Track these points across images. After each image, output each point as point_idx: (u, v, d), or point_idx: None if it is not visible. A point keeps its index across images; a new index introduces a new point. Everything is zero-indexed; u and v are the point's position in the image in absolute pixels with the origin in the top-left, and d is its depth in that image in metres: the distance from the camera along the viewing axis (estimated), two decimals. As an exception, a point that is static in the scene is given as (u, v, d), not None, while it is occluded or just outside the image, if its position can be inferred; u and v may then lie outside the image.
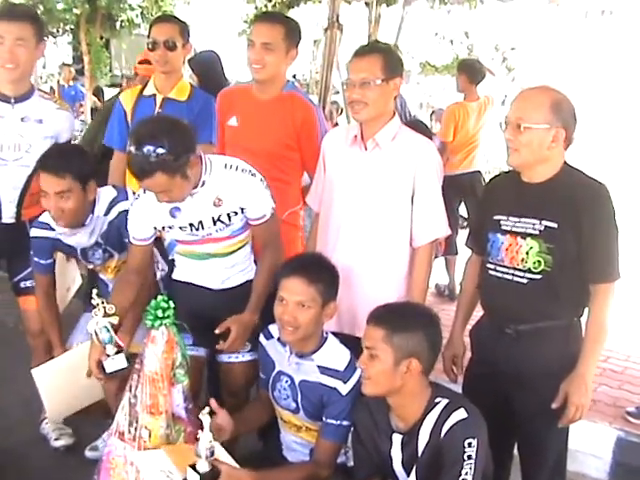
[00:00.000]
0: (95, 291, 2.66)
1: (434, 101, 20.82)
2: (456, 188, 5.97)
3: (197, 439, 2.35)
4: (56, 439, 3.59)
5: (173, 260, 3.08)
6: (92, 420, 3.59)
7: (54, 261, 3.22)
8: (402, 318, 2.46)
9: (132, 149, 2.54)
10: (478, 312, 2.89)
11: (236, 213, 2.80)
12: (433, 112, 11.52)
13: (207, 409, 2.40)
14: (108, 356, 2.66)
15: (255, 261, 3.01)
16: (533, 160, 2.54)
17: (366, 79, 2.83)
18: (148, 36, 3.61)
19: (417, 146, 2.96)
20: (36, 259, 3.19)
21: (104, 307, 2.60)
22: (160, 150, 2.51)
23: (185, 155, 2.59)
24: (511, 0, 4.91)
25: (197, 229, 2.81)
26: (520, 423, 2.71)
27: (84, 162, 3.05)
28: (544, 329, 2.59)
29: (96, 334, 2.62)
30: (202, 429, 2.34)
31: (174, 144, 2.54)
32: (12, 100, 3.16)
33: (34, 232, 3.14)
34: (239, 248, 2.94)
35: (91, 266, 3.28)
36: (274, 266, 2.85)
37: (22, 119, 3.16)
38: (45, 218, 3.12)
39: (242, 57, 3.43)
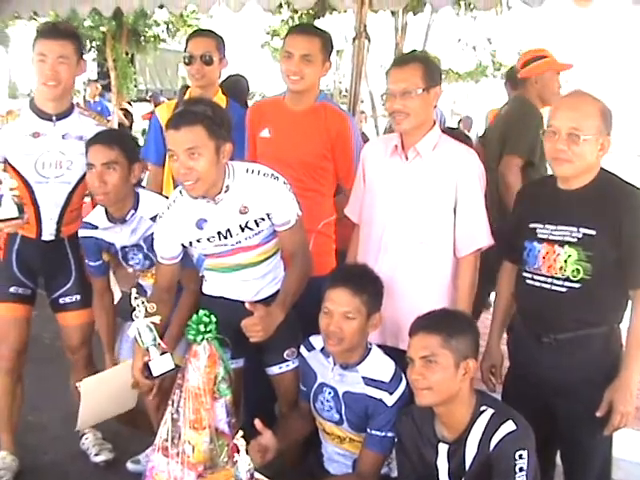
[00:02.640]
0: (135, 290, 2.66)
1: (458, 108, 20.80)
2: None
3: (235, 463, 2.34)
4: (96, 454, 3.59)
5: (202, 276, 3.05)
6: (132, 435, 3.61)
7: (104, 263, 3.25)
8: (454, 321, 2.50)
9: (180, 108, 2.69)
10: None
11: (263, 219, 2.79)
12: (460, 120, 11.47)
13: (241, 433, 2.40)
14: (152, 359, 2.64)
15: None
16: (582, 170, 2.52)
17: (407, 89, 2.81)
18: (184, 50, 3.64)
19: (459, 155, 2.94)
20: (87, 261, 3.25)
21: (145, 307, 2.58)
22: (208, 110, 2.63)
23: (226, 132, 2.66)
24: (539, 5, 4.83)
25: (225, 237, 2.80)
26: (563, 432, 2.68)
27: (132, 143, 3.21)
28: (584, 337, 2.56)
29: (139, 335, 2.60)
30: (239, 452, 2.33)
31: (220, 115, 2.67)
32: (53, 118, 3.17)
33: (81, 233, 3.18)
34: (270, 256, 2.93)
35: (131, 270, 3.29)
36: (303, 272, 2.85)
37: (63, 136, 3.18)
38: (89, 218, 3.16)
39: (264, 68, 3.44)
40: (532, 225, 2.64)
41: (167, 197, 3.06)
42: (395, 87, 2.84)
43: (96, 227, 3.14)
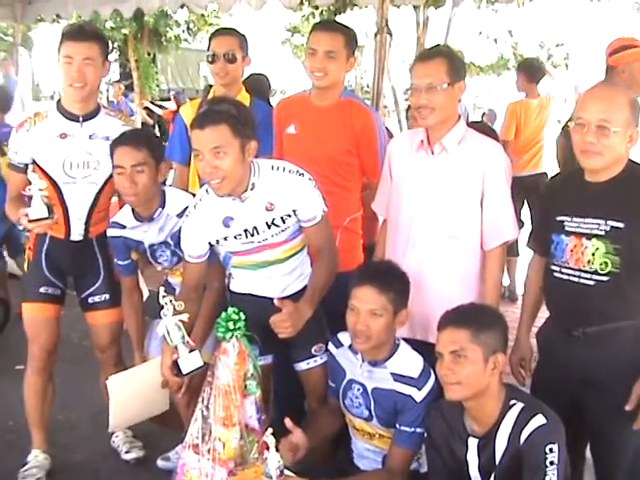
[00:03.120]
0: (163, 288, 2.68)
1: (481, 102, 20.68)
2: (520, 189, 5.95)
3: (265, 459, 2.36)
4: (127, 452, 3.63)
5: (230, 274, 3.06)
6: (163, 433, 3.64)
7: (133, 262, 3.27)
8: (482, 316, 2.50)
9: (205, 107, 2.71)
10: (543, 313, 2.85)
11: (289, 216, 2.80)
12: (484, 113, 11.40)
13: (270, 430, 2.41)
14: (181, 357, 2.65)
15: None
16: (611, 162, 2.49)
17: (432, 84, 2.80)
18: (208, 49, 3.65)
19: (485, 149, 2.93)
20: (116, 260, 3.27)
21: (173, 305, 2.59)
22: (232, 109, 2.65)
23: (250, 130, 2.67)
24: (561, -4, 4.80)
25: (252, 235, 2.80)
26: (592, 425, 2.66)
27: (157, 142, 3.25)
28: (613, 330, 2.53)
29: (168, 333, 2.62)
30: (268, 449, 2.35)
31: (244, 113, 2.69)
32: (80, 119, 3.19)
33: (109, 232, 3.20)
34: (296, 252, 2.93)
35: (159, 268, 3.31)
36: (330, 268, 2.86)
37: (90, 137, 3.20)
38: (117, 218, 3.18)
39: (285, 65, 3.45)
40: (560, 218, 2.62)
41: (193, 195, 3.08)
42: (420, 82, 2.83)
43: (124, 226, 3.16)
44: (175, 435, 3.52)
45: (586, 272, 2.54)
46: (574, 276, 2.57)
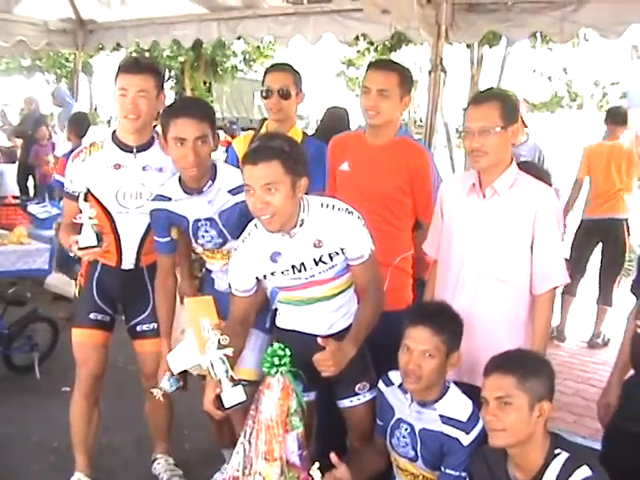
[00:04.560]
0: (208, 322, 2.63)
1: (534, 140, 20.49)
2: (594, 231, 6.04)
3: None
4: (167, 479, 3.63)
5: (276, 309, 3.07)
6: (203, 461, 3.65)
7: (173, 241, 3.23)
8: (529, 362, 2.48)
9: (257, 143, 2.71)
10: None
11: (337, 253, 2.80)
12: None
13: (317, 464, 2.40)
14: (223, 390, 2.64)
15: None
16: None
17: (485, 127, 2.80)
18: (262, 83, 3.68)
19: (536, 192, 2.91)
20: (155, 238, 3.22)
21: (218, 339, 2.59)
22: (284, 145, 2.65)
23: (302, 167, 2.68)
24: (617, 37, 4.78)
25: (299, 271, 2.81)
26: None
27: (213, 111, 3.23)
28: None
29: (212, 367, 2.61)
30: None
31: (296, 150, 2.70)
32: (134, 150, 3.24)
33: (152, 205, 3.17)
34: (344, 290, 2.93)
35: (199, 249, 3.27)
36: (376, 307, 2.85)
37: (143, 168, 3.24)
38: (162, 191, 3.16)
39: (339, 97, 3.47)
40: None
41: None
42: (473, 125, 2.82)
43: (169, 199, 3.13)
44: (215, 465, 3.54)
45: None
46: None
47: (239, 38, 7.36)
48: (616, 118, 6.28)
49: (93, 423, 3.49)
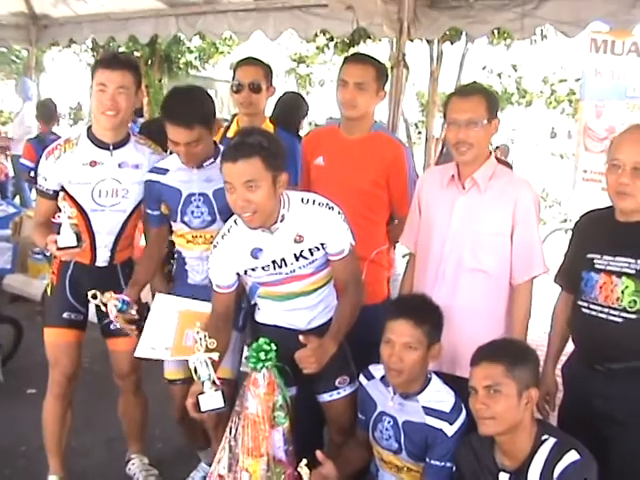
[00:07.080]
0: (198, 324, 2.62)
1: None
2: None
3: None
4: (142, 480, 3.59)
5: (255, 304, 3.06)
6: (178, 461, 3.62)
7: (162, 215, 3.20)
8: (516, 351, 2.52)
9: (235, 139, 2.67)
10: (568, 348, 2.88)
11: (317, 248, 2.80)
12: (497, 147, 11.40)
13: (304, 461, 2.40)
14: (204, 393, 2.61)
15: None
16: None
17: (472, 119, 2.82)
18: (232, 78, 3.65)
19: (514, 184, 2.96)
20: (146, 210, 3.22)
21: (206, 343, 2.56)
22: (264, 141, 2.62)
23: (281, 161, 2.67)
24: (576, 35, 4.88)
25: (280, 266, 2.81)
26: (618, 462, 2.63)
27: (209, 103, 3.12)
28: (638, 368, 2.53)
29: (195, 369, 2.59)
30: None
31: (275, 145, 2.67)
32: (110, 147, 3.20)
33: (147, 176, 3.16)
34: (323, 285, 2.93)
35: (182, 230, 3.20)
36: (356, 302, 2.85)
37: (120, 165, 3.20)
38: (161, 164, 3.15)
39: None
40: (590, 256, 2.64)
41: None
42: (460, 117, 2.84)
43: (166, 171, 3.12)
44: (190, 463, 3.52)
45: (615, 309, 2.55)
46: (602, 313, 2.59)
47: (198, 34, 7.30)
48: None
49: (66, 425, 3.42)
